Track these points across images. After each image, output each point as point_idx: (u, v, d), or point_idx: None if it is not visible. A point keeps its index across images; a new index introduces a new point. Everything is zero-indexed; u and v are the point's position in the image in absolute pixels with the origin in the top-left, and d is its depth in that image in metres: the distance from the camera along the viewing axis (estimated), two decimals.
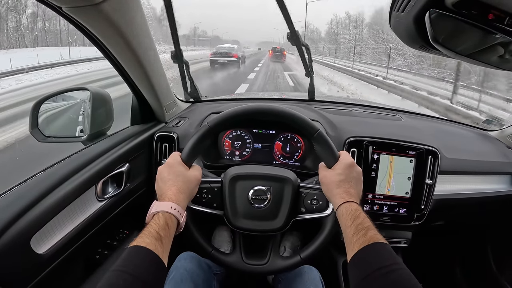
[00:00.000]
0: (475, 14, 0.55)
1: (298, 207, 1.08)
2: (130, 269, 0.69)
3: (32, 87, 11.83)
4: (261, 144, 1.53)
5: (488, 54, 0.62)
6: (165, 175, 0.95)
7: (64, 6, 0.86)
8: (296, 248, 1.65)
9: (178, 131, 1.47)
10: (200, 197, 1.05)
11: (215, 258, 1.07)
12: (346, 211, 0.88)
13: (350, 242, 0.83)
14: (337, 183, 0.96)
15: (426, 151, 1.40)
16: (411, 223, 1.44)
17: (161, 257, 0.75)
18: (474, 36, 0.59)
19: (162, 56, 1.37)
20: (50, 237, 0.94)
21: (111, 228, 1.33)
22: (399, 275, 0.71)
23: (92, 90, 1.30)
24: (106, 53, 1.12)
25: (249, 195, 1.05)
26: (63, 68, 18.43)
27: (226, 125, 1.07)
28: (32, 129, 1.29)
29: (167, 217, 0.83)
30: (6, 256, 0.81)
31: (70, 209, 1.01)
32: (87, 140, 1.29)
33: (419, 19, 0.58)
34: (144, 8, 1.09)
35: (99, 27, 0.98)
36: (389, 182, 1.41)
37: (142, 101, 1.44)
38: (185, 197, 0.93)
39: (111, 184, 1.23)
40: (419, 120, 1.91)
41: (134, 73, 1.25)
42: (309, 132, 1.04)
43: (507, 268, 1.80)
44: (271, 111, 1.06)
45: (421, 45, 0.65)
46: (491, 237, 1.91)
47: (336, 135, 1.47)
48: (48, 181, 0.97)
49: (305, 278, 1.17)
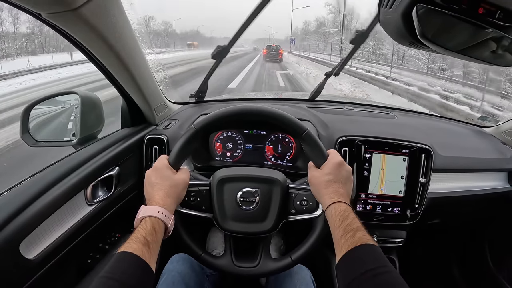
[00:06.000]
0: (465, 9, 0.54)
1: (288, 208, 1.07)
2: (116, 276, 0.69)
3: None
4: (252, 145, 1.53)
5: (480, 50, 0.61)
6: (153, 179, 0.95)
7: (43, 12, 0.86)
8: (279, 248, 1.64)
9: (168, 134, 1.47)
10: (189, 200, 1.05)
11: (205, 262, 1.06)
12: (334, 212, 0.87)
13: (338, 243, 0.82)
14: (325, 183, 0.95)
15: (419, 149, 1.39)
16: (405, 222, 1.43)
17: (148, 262, 0.75)
18: (464, 31, 0.58)
19: (150, 58, 1.36)
20: (39, 242, 0.94)
21: (103, 232, 1.33)
22: (387, 278, 0.70)
23: (81, 94, 1.30)
24: (91, 57, 1.12)
25: (237, 197, 1.04)
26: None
27: (213, 127, 1.06)
28: (23, 134, 1.28)
29: (154, 222, 0.83)
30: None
31: (60, 214, 1.01)
32: (78, 144, 1.29)
33: (407, 15, 0.57)
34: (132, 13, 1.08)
35: (80, 32, 0.97)
36: (382, 181, 1.40)
37: (131, 104, 1.44)
38: (173, 201, 0.93)
39: (101, 188, 1.23)
40: (412, 117, 1.90)
41: (121, 76, 1.25)
42: (297, 131, 1.03)
43: (505, 265, 1.79)
44: (258, 112, 1.05)
45: (410, 42, 0.64)
46: (488, 234, 1.90)
47: (327, 134, 1.46)
48: (37, 186, 0.97)
49: (296, 278, 1.17)
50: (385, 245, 1.53)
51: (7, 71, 17.36)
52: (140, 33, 1.20)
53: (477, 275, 1.95)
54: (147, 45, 1.36)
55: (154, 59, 1.58)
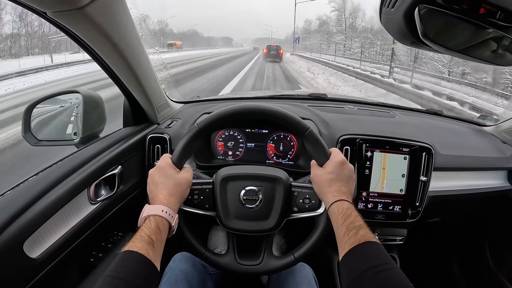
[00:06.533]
0: (466, 9, 0.54)
1: (291, 206, 1.07)
2: (121, 275, 0.69)
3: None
4: (254, 143, 1.53)
5: (480, 50, 0.61)
6: (156, 178, 0.95)
7: (48, 11, 0.86)
8: (281, 247, 1.65)
9: (170, 132, 1.47)
10: (192, 199, 1.05)
11: (208, 260, 1.06)
12: (337, 210, 0.88)
13: (341, 241, 0.83)
14: (328, 181, 0.95)
15: (420, 148, 1.40)
16: (406, 220, 1.43)
17: (153, 261, 0.75)
18: (465, 31, 0.58)
19: (153, 57, 1.36)
20: (43, 241, 0.94)
21: (105, 231, 1.34)
22: (389, 275, 0.70)
23: (83, 93, 1.30)
24: (95, 56, 1.12)
25: (240, 195, 1.05)
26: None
27: (216, 126, 1.06)
28: (25, 133, 1.29)
29: (158, 221, 0.83)
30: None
31: (63, 213, 1.01)
32: (80, 143, 1.29)
33: (409, 15, 0.58)
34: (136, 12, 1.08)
35: (85, 31, 0.98)
36: (383, 180, 1.40)
37: (133, 103, 1.44)
38: (177, 200, 0.93)
39: (104, 187, 1.23)
40: (413, 116, 1.91)
41: (124, 75, 1.25)
42: (299, 130, 1.04)
43: (504, 263, 1.80)
44: (261, 111, 1.05)
45: (412, 41, 0.64)
46: (488, 233, 1.91)
47: (329, 133, 1.47)
48: (40, 185, 0.97)
49: (298, 275, 1.17)
50: (386, 243, 1.53)
51: None
52: (143, 32, 1.20)
53: (477, 273, 1.95)
54: (150, 44, 1.36)
55: (156, 58, 1.58)
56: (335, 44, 35.55)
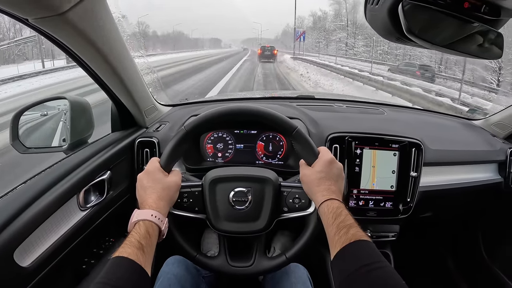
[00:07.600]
0: (450, 3, 0.54)
1: (281, 206, 1.07)
2: (112, 281, 0.69)
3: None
4: (243, 144, 1.53)
5: (467, 44, 0.62)
6: (145, 183, 0.95)
7: (30, 18, 0.85)
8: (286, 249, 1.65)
9: (159, 136, 1.47)
10: (182, 202, 1.05)
11: (200, 263, 1.06)
12: (327, 209, 0.88)
13: (332, 241, 0.83)
14: (317, 181, 0.95)
15: (409, 143, 1.41)
16: (398, 216, 1.44)
17: (143, 266, 0.75)
18: (450, 26, 0.59)
19: (139, 61, 1.35)
20: (34, 249, 0.93)
21: (97, 237, 1.32)
22: (381, 273, 0.70)
23: (70, 99, 1.29)
24: (79, 62, 1.11)
25: (229, 197, 1.05)
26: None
27: (203, 128, 1.06)
28: (13, 141, 1.27)
29: (148, 226, 0.83)
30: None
31: (53, 220, 1.00)
32: (69, 149, 1.28)
33: (393, 11, 0.58)
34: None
35: (68, 37, 0.97)
36: (374, 177, 1.41)
37: (121, 107, 1.43)
38: (166, 204, 0.93)
39: (94, 193, 1.22)
40: (402, 113, 1.92)
41: (109, 80, 1.24)
42: (287, 130, 1.04)
43: (498, 255, 1.82)
44: (248, 111, 1.05)
45: (397, 38, 0.64)
46: (481, 226, 1.93)
47: (318, 132, 1.47)
48: (28, 193, 0.96)
49: (292, 276, 1.17)
50: (378, 240, 1.54)
51: None
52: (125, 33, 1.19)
53: (471, 266, 1.97)
54: (135, 48, 1.35)
55: (143, 62, 1.57)
56: (335, 43, 34.23)
